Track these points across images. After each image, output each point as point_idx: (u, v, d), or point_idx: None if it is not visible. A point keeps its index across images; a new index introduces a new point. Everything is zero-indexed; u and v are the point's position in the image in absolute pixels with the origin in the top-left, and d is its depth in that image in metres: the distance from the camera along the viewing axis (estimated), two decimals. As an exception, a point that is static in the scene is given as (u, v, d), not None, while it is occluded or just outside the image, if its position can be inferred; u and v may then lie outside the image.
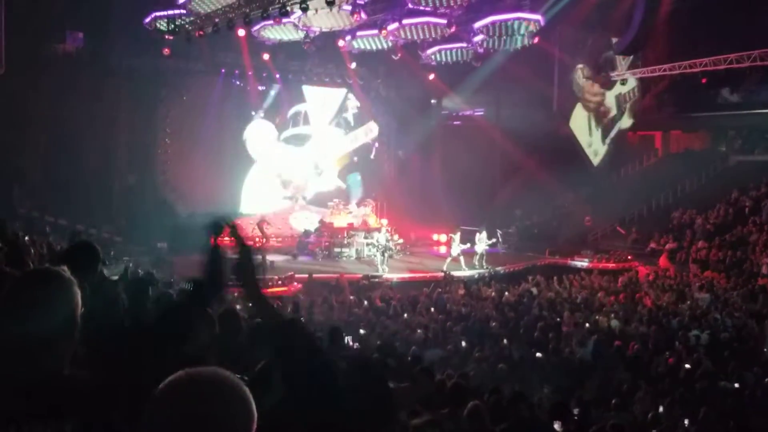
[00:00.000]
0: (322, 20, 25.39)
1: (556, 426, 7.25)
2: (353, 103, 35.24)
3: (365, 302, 18.79)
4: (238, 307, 6.11)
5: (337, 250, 27.57)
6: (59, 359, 2.18)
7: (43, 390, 2.07)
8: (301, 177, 33.94)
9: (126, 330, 3.20)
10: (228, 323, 5.16)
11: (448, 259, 25.06)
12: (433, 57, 30.36)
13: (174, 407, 1.65)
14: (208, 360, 3.46)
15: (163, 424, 1.64)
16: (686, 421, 9.43)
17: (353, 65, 32.45)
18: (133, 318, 5.11)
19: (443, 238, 30.42)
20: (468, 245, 25.70)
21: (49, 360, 2.14)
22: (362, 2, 23.79)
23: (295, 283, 21.15)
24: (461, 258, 25.06)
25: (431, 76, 33.33)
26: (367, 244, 27.33)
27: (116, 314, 4.78)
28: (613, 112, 36.80)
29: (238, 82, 32.28)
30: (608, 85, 35.90)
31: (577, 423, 8.06)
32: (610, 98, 36.57)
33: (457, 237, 25.57)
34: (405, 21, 26.07)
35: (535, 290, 20.95)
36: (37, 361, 2.11)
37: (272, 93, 33.29)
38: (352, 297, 19.66)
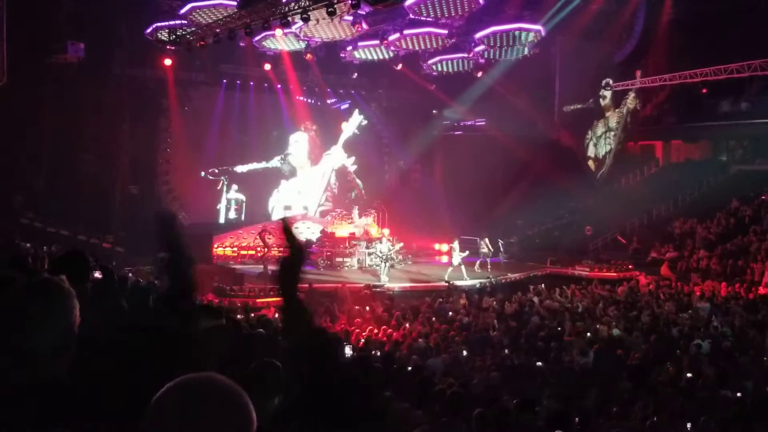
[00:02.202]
0: (323, 30, 25.51)
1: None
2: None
3: (367, 311, 18.81)
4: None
5: (338, 259, 27.56)
6: (57, 369, 2.18)
7: (42, 399, 2.07)
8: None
9: (125, 339, 3.17)
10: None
11: (450, 269, 25.10)
12: (434, 67, 30.49)
13: (171, 415, 1.66)
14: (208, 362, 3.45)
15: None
16: (689, 425, 9.41)
17: (354, 75, 32.54)
18: (132, 326, 5.11)
19: (444, 247, 30.45)
20: (467, 253, 25.72)
21: (48, 369, 2.14)
22: (363, 13, 23.86)
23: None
24: (462, 267, 25.09)
25: (432, 87, 33.43)
26: (369, 254, 27.32)
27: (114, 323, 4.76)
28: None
29: (239, 93, 32.34)
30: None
31: (579, 431, 8.06)
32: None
33: (456, 246, 25.62)
34: (406, 31, 26.21)
35: (536, 299, 20.94)
36: (36, 370, 2.12)
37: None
38: (357, 307, 19.68)
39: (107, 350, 2.54)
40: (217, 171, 32.01)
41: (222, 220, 32.52)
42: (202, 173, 31.65)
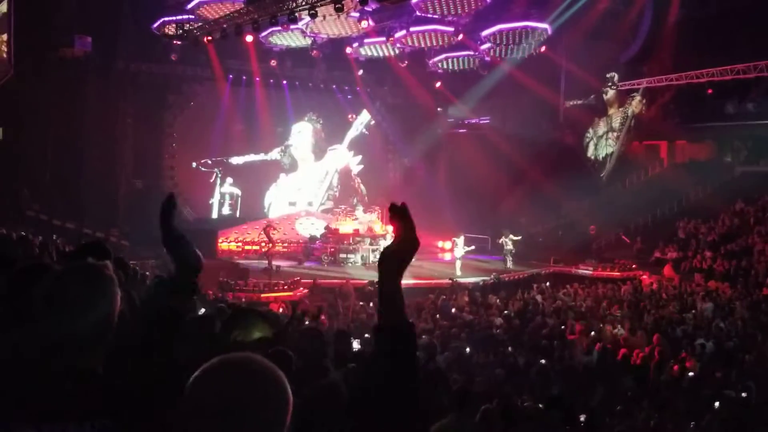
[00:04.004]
0: (329, 27, 25.57)
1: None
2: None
3: (371, 307, 18.84)
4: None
5: (342, 256, 27.55)
6: (95, 358, 2.16)
7: (79, 389, 2.05)
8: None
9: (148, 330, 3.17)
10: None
11: (458, 264, 25.19)
12: (439, 65, 30.50)
13: (208, 393, 1.67)
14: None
15: (199, 410, 1.66)
16: (692, 424, 9.43)
17: (360, 72, 32.54)
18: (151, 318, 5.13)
19: (448, 245, 30.46)
20: (473, 248, 25.72)
21: (86, 358, 2.13)
22: (370, 9, 23.89)
23: (301, 289, 21.21)
24: (459, 262, 25.25)
25: (438, 84, 33.45)
26: (373, 251, 27.33)
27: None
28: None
29: (244, 88, 32.31)
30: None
31: (584, 430, 8.08)
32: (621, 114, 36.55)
33: (460, 240, 25.62)
34: (412, 29, 26.21)
35: (539, 298, 20.95)
36: (74, 359, 2.10)
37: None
38: (361, 303, 19.72)
39: (137, 341, 2.53)
40: (210, 162, 31.67)
41: (215, 216, 32.32)
42: (194, 164, 31.44)
